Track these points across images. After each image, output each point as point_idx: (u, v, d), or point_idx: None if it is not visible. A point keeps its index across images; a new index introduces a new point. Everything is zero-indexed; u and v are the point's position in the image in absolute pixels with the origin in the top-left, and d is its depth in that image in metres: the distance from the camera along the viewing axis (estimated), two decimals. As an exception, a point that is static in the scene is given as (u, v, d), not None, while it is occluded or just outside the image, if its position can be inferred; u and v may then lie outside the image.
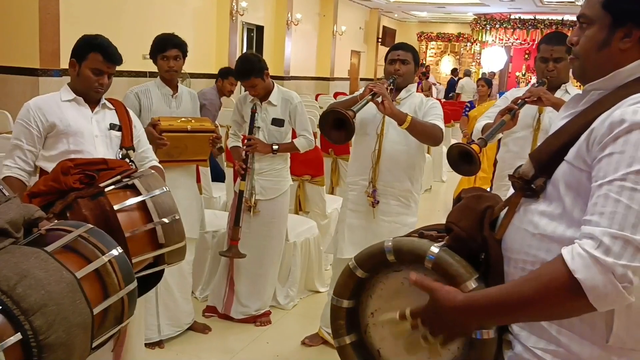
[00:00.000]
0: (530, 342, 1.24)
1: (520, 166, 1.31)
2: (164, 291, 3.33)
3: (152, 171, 2.22)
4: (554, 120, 1.39)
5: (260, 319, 3.70)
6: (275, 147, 3.48)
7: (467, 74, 16.35)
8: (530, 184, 1.26)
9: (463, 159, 2.56)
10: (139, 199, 2.04)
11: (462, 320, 1.21)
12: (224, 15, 10.72)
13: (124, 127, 2.55)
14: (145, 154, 2.65)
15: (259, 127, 3.51)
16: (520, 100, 2.68)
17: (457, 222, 1.34)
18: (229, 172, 4.40)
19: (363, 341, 1.48)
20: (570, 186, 1.19)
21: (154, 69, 3.32)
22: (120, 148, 2.51)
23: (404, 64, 3.03)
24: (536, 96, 2.66)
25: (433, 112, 2.98)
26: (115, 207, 1.98)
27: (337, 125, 2.64)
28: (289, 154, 3.68)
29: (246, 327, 3.65)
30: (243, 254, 3.54)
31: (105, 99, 2.58)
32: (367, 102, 2.72)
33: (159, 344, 3.33)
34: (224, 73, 5.40)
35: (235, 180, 3.68)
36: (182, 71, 9.78)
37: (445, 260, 1.27)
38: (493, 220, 1.35)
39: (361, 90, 3.10)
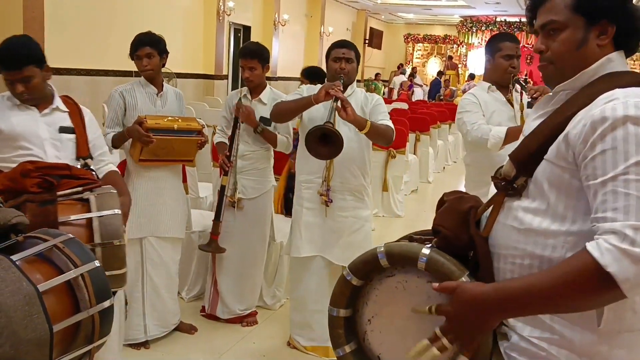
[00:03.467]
0: (526, 332, 1.29)
1: (502, 167, 1.37)
2: (151, 291, 3.31)
3: (113, 190, 2.14)
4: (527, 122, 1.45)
5: (246, 319, 3.69)
6: (259, 127, 3.46)
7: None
8: (512, 184, 1.32)
9: (323, 141, 2.69)
10: (86, 215, 1.97)
11: (487, 310, 1.22)
12: (211, 15, 10.68)
13: (78, 134, 2.43)
14: (102, 157, 2.53)
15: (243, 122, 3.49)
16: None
17: (443, 223, 1.39)
18: (215, 172, 4.38)
19: (362, 348, 1.49)
20: (553, 183, 1.24)
21: (140, 68, 3.29)
22: (77, 159, 2.40)
23: (348, 62, 3.05)
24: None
25: (381, 111, 3.06)
26: (60, 219, 1.91)
27: (322, 141, 2.70)
28: (272, 154, 3.68)
29: (233, 327, 3.64)
30: (223, 248, 3.53)
31: (62, 97, 2.47)
32: (334, 110, 2.76)
33: (144, 344, 3.31)
34: (308, 74, 4.73)
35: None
36: (168, 71, 9.63)
37: (437, 260, 1.31)
38: (477, 220, 1.39)
39: (304, 88, 3.13)
